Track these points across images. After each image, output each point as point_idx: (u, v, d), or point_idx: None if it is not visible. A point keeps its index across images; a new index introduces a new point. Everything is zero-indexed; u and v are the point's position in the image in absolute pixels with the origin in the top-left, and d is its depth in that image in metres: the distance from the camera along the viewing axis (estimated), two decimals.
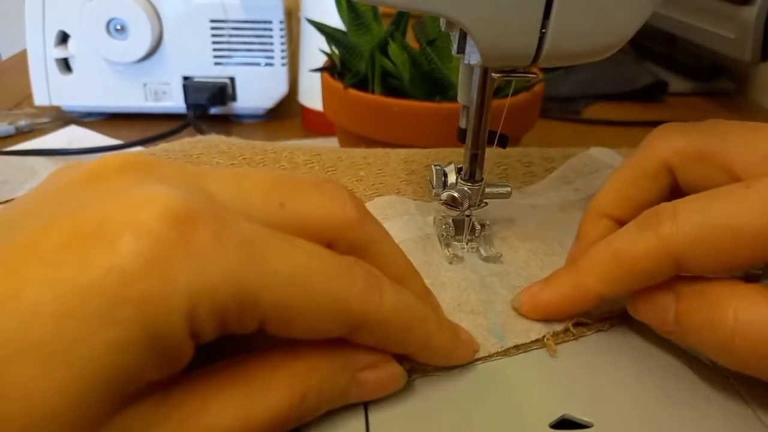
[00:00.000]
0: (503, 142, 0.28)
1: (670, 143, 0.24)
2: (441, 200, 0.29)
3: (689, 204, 0.21)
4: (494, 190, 0.29)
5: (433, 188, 0.29)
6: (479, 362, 0.23)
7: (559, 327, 0.24)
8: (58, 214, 0.16)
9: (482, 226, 0.30)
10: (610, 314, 0.25)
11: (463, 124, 0.29)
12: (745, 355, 0.20)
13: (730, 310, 0.20)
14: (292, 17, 0.66)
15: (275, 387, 0.18)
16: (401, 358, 0.21)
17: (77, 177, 0.18)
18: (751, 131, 0.23)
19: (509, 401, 0.22)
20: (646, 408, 0.22)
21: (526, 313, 0.25)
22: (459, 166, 0.29)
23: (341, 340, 0.19)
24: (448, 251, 0.29)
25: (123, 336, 0.14)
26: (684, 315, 0.21)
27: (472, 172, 0.29)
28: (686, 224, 0.21)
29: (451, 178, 0.29)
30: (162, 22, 0.60)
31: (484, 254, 0.29)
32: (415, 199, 0.34)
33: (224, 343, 0.18)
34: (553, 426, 0.21)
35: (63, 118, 0.63)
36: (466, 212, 0.29)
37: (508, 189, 0.29)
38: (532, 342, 0.24)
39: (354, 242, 0.20)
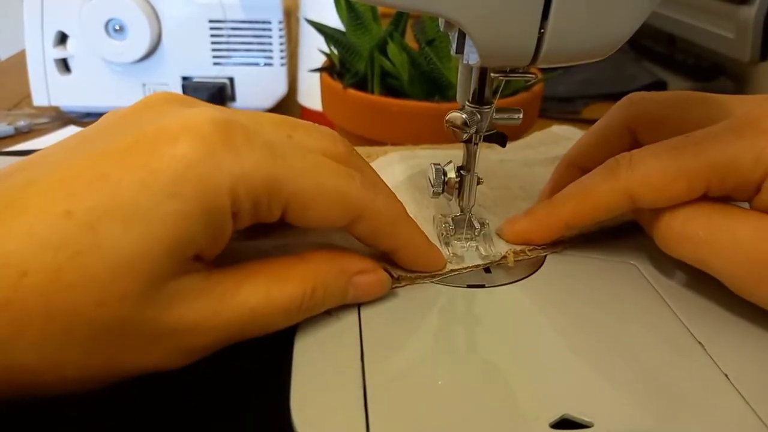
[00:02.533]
0: (502, 141, 0.28)
1: (633, 110, 0.30)
2: (447, 122, 0.27)
3: (642, 152, 0.26)
4: (505, 115, 0.28)
5: (432, 187, 0.29)
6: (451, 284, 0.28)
7: (518, 248, 0.30)
8: (125, 129, 0.21)
9: (482, 224, 0.30)
10: (561, 239, 0.30)
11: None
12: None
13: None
14: (291, 17, 0.66)
15: (291, 280, 0.22)
16: (388, 268, 0.26)
17: (130, 110, 0.22)
18: (711, 102, 0.27)
19: (509, 400, 0.22)
20: (644, 408, 0.22)
21: (507, 238, 0.30)
22: (459, 165, 0.29)
23: (340, 252, 0.25)
24: (448, 250, 0.29)
25: (185, 206, 0.19)
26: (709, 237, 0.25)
27: (480, 96, 0.27)
28: (639, 167, 0.26)
29: (451, 175, 0.29)
30: (161, 22, 0.60)
31: (483, 253, 0.29)
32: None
33: None
34: (553, 426, 0.21)
35: (62, 118, 0.63)
36: (468, 213, 0.29)
37: (520, 114, 0.28)
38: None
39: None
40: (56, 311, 0.18)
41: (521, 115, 0.28)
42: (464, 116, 0.27)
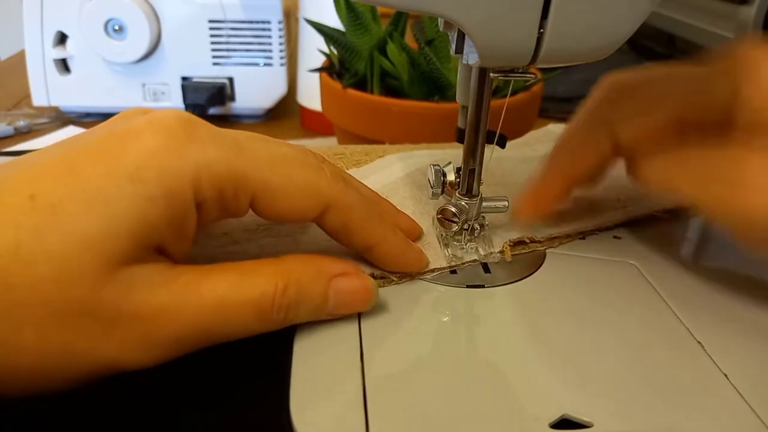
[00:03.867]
0: (502, 142, 0.28)
1: (604, 91, 0.31)
2: (438, 215, 0.29)
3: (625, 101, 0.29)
4: (491, 204, 0.29)
5: (432, 188, 0.29)
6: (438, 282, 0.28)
7: (515, 235, 0.30)
8: (95, 132, 0.22)
9: (481, 226, 0.30)
10: (558, 234, 0.31)
11: (461, 124, 0.29)
12: None
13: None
14: (290, 17, 0.66)
15: (262, 274, 0.22)
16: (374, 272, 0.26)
17: (105, 122, 0.23)
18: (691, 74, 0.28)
19: (509, 400, 0.22)
20: (644, 408, 0.22)
21: (520, 214, 0.30)
22: (458, 166, 0.29)
23: (319, 256, 0.24)
24: (447, 251, 0.29)
25: (146, 190, 0.19)
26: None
27: (469, 187, 0.29)
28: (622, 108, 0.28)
29: (450, 177, 0.29)
30: (160, 22, 0.60)
31: (482, 253, 0.29)
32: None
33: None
34: (553, 426, 0.21)
35: (62, 118, 0.63)
36: (464, 225, 0.29)
37: (506, 203, 0.29)
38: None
39: None
40: (14, 285, 0.18)
41: (507, 203, 0.29)
42: (454, 210, 0.28)
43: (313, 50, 0.54)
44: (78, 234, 0.19)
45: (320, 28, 0.47)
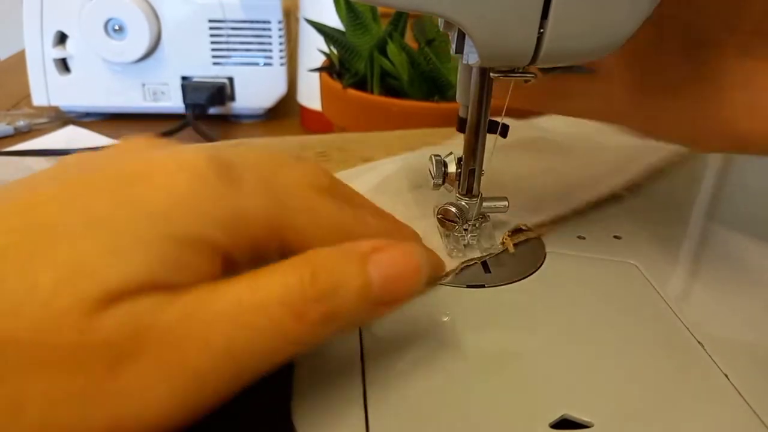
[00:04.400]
0: (504, 132, 0.28)
1: None
2: (438, 215, 0.29)
3: None
4: (491, 204, 0.29)
5: (433, 179, 0.29)
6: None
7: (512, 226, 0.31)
8: (104, 165, 0.19)
9: (483, 217, 0.30)
10: (544, 222, 0.31)
11: (462, 113, 0.29)
12: None
13: None
14: (290, 17, 0.66)
15: (280, 269, 0.18)
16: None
17: (103, 152, 0.21)
18: None
19: (509, 400, 0.22)
20: (644, 408, 0.22)
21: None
22: (459, 156, 0.29)
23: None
24: (449, 244, 0.29)
25: (170, 229, 0.17)
26: None
27: (469, 187, 0.29)
28: None
29: (451, 168, 0.29)
30: (160, 22, 0.60)
31: (485, 245, 0.29)
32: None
33: None
34: (553, 426, 0.21)
35: (61, 118, 0.63)
36: (465, 226, 0.29)
37: (506, 203, 0.29)
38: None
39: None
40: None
41: (507, 203, 0.29)
42: (454, 210, 0.28)
43: (313, 50, 0.54)
44: (73, 260, 0.15)
45: (320, 27, 0.47)
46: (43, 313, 0.15)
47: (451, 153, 0.29)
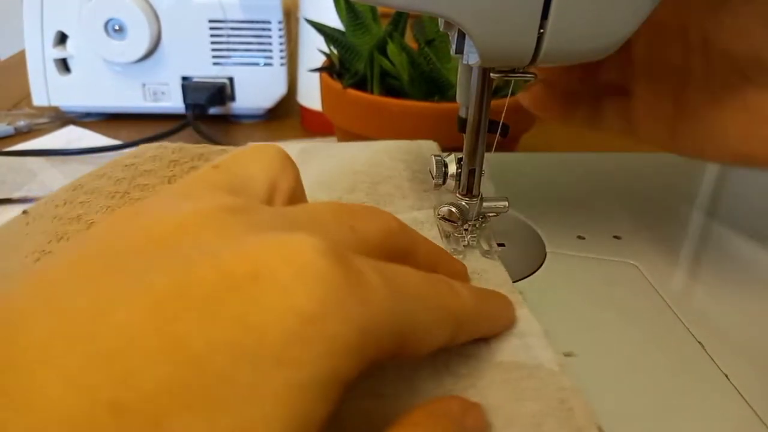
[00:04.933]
0: (504, 132, 0.28)
1: None
2: (439, 215, 0.29)
3: None
4: (491, 204, 0.29)
5: (434, 179, 0.29)
6: None
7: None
8: (181, 255, 0.14)
9: (483, 218, 0.30)
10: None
11: (462, 113, 0.29)
12: None
13: None
14: (290, 17, 0.66)
15: None
16: None
17: (172, 218, 0.16)
18: None
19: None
20: (644, 408, 0.22)
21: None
22: (459, 156, 0.29)
23: (439, 400, 0.19)
24: (450, 246, 0.29)
25: (299, 376, 0.13)
26: None
27: (469, 187, 0.29)
28: None
29: (452, 168, 0.29)
30: (160, 22, 0.60)
31: (485, 248, 0.29)
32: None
33: None
34: None
35: (62, 118, 0.63)
36: (465, 226, 0.29)
37: (506, 204, 0.29)
38: None
39: (403, 245, 0.21)
40: None
41: (507, 204, 0.29)
42: (455, 210, 0.28)
43: (314, 50, 0.54)
44: None
45: (320, 28, 0.47)
46: None
47: (451, 153, 0.29)
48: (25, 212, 0.30)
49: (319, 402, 0.13)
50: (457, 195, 0.29)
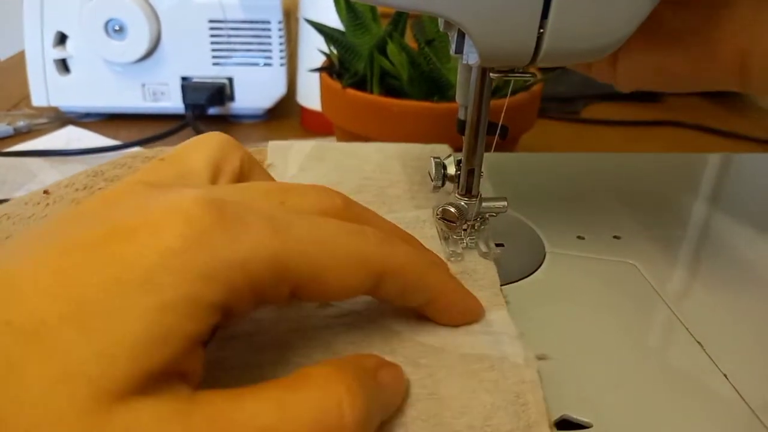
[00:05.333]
0: (504, 134, 0.28)
1: None
2: (438, 215, 0.29)
3: None
4: (491, 204, 0.29)
5: (432, 181, 0.29)
6: None
7: None
8: (99, 219, 0.17)
9: (482, 219, 0.30)
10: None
11: (462, 115, 0.29)
12: None
13: None
14: (290, 17, 0.66)
15: (312, 384, 0.17)
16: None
17: (109, 194, 0.19)
18: None
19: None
20: (643, 408, 0.22)
21: None
22: (458, 158, 0.29)
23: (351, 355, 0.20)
24: (448, 247, 0.29)
25: (160, 299, 0.15)
26: None
27: (468, 187, 0.28)
28: None
29: (451, 170, 0.29)
30: (160, 22, 0.60)
31: (483, 250, 0.29)
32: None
33: None
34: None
35: (61, 118, 0.63)
36: (464, 226, 0.29)
37: (505, 203, 0.29)
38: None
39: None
40: None
41: (506, 203, 0.29)
42: (454, 210, 0.28)
43: (313, 50, 0.54)
44: (63, 363, 0.14)
45: (320, 28, 0.47)
46: (38, 417, 0.14)
47: (450, 155, 0.29)
48: (46, 192, 0.31)
49: (184, 321, 0.15)
50: (457, 195, 0.29)
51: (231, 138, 0.23)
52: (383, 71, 0.45)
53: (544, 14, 0.22)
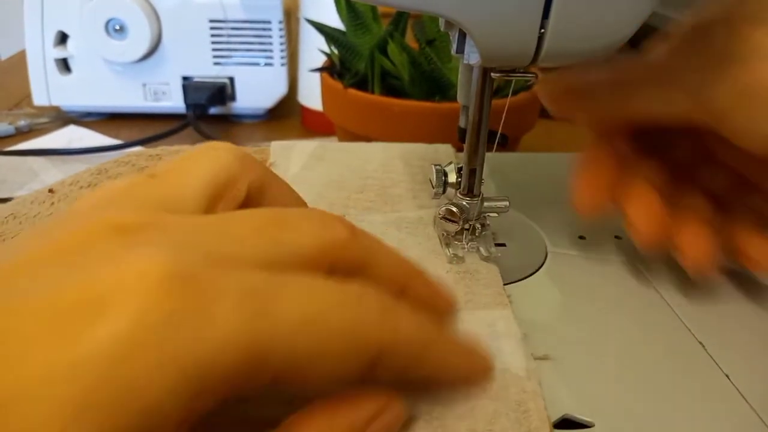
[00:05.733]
0: (503, 142, 0.28)
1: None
2: (439, 214, 0.29)
3: None
4: (492, 204, 0.29)
5: (433, 188, 0.29)
6: None
7: None
8: (52, 282, 0.14)
9: (482, 225, 0.30)
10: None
11: (463, 123, 0.29)
12: None
13: None
14: (291, 17, 0.66)
15: None
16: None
17: (53, 245, 0.15)
18: None
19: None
20: (645, 408, 0.22)
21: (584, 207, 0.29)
22: (459, 166, 0.29)
23: (339, 399, 0.17)
24: (449, 251, 0.29)
25: (104, 421, 0.12)
26: None
27: (470, 187, 0.28)
28: None
29: (451, 177, 0.29)
30: (161, 21, 0.60)
31: (484, 254, 0.29)
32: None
33: None
34: (554, 426, 0.20)
35: (62, 118, 0.63)
36: (465, 225, 0.29)
37: (506, 203, 0.29)
38: None
39: (353, 259, 0.19)
40: None
41: (508, 203, 0.29)
42: (455, 210, 0.28)
43: (314, 50, 0.54)
44: None
45: (321, 27, 0.47)
46: None
47: (451, 162, 0.29)
48: (51, 191, 0.31)
49: None
50: (458, 195, 0.29)
51: (245, 153, 0.20)
52: (384, 71, 0.45)
53: (545, 14, 0.22)
